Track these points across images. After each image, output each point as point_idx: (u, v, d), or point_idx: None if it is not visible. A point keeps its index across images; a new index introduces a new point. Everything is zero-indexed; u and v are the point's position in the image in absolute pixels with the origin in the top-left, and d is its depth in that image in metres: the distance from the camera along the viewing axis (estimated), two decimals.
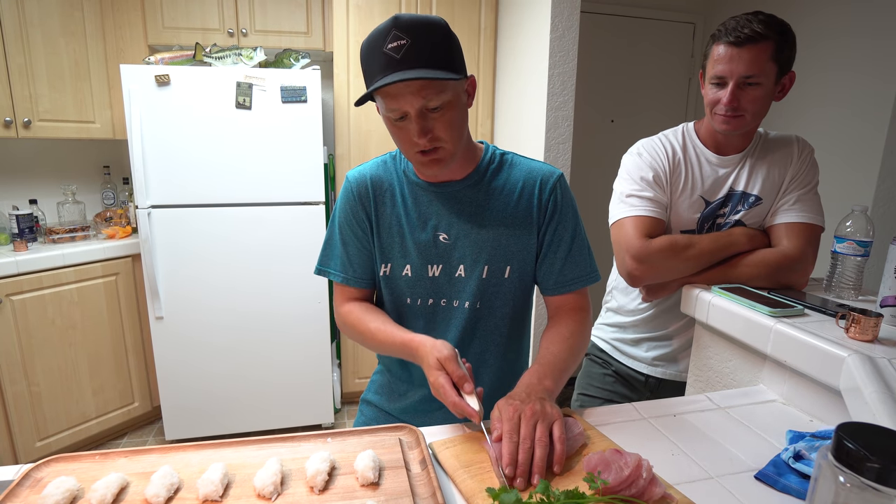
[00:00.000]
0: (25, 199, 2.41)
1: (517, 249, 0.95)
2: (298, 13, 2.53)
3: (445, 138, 0.84)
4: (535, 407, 0.74)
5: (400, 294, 0.98)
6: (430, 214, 0.95)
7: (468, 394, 0.77)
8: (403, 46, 0.77)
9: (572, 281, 0.97)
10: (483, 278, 0.95)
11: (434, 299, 0.97)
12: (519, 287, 0.98)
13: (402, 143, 0.87)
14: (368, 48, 0.81)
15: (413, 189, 0.96)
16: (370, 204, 0.97)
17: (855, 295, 1.08)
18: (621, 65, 2.82)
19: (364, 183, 0.98)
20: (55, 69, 2.24)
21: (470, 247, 0.94)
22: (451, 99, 0.82)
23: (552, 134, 2.04)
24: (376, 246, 0.98)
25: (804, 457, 0.72)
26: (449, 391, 0.77)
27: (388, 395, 1.08)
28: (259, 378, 2.44)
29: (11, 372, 2.07)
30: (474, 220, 0.94)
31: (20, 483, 0.66)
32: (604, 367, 1.39)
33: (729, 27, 1.06)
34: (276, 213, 2.33)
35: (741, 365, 1.05)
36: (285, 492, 0.67)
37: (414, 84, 0.79)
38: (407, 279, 0.96)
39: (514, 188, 0.95)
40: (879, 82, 1.99)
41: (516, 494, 0.60)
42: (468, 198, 0.95)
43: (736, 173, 1.18)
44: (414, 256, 0.95)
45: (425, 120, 0.82)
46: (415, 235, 0.95)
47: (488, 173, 0.96)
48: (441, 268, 0.95)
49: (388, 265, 0.97)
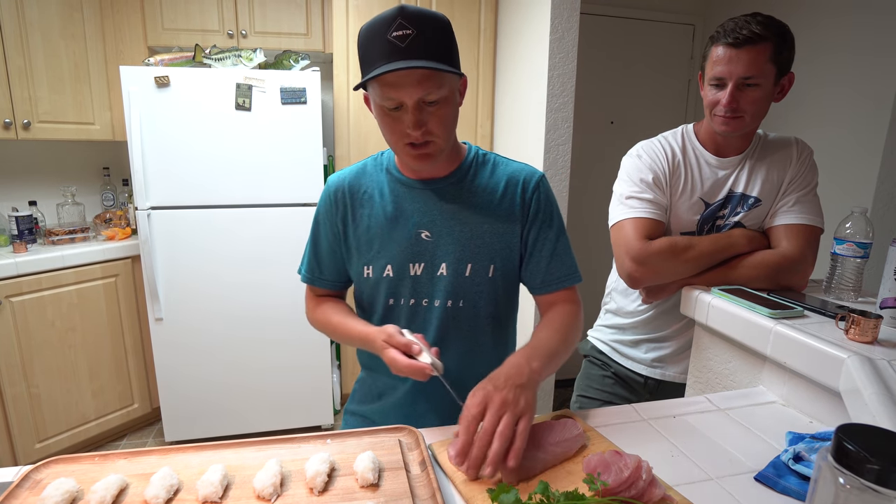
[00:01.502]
0: (25, 201, 2.41)
1: (500, 247, 0.95)
2: (298, 14, 2.53)
3: (438, 133, 0.85)
4: (507, 397, 0.71)
5: (382, 295, 0.98)
6: (412, 211, 0.95)
7: (418, 354, 0.80)
8: (409, 36, 0.77)
9: (559, 279, 0.98)
10: (466, 276, 0.95)
11: (416, 299, 0.97)
12: (503, 286, 0.98)
13: (392, 134, 0.86)
14: (369, 34, 0.80)
15: (395, 186, 0.97)
16: (347, 210, 0.98)
17: (854, 296, 1.08)
18: (621, 66, 2.83)
19: (342, 188, 0.99)
20: (55, 71, 2.24)
21: (453, 244, 0.94)
22: (447, 95, 0.83)
23: (552, 135, 2.04)
24: (355, 250, 0.98)
25: (804, 458, 0.72)
26: (399, 357, 0.79)
27: (371, 400, 1.07)
28: (259, 379, 2.44)
29: (11, 374, 2.07)
30: (457, 218, 0.94)
31: (19, 485, 0.66)
32: (603, 368, 1.39)
33: (728, 28, 1.06)
34: (276, 215, 2.33)
35: (741, 366, 1.05)
36: (285, 493, 0.67)
37: (416, 75, 0.79)
38: (389, 279, 0.96)
39: (497, 187, 0.96)
40: (879, 83, 1.99)
41: (516, 495, 0.60)
42: (451, 195, 0.95)
43: (735, 175, 1.19)
44: (395, 255, 0.95)
45: (421, 113, 0.82)
46: (396, 233, 0.95)
47: (471, 172, 0.97)
48: (423, 266, 0.95)
49: (370, 267, 0.97)
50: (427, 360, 0.79)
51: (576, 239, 2.64)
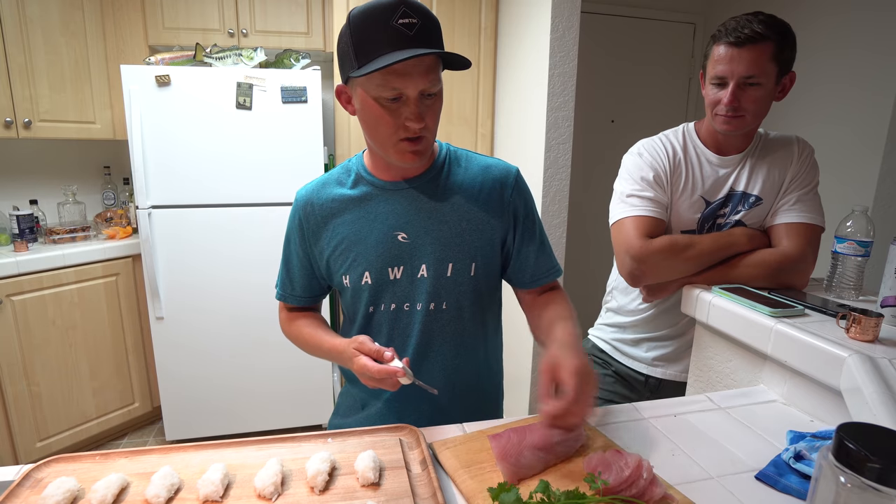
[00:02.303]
0: (26, 200, 2.41)
1: (481, 244, 0.93)
2: (298, 13, 2.53)
3: (431, 128, 0.84)
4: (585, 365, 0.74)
5: (363, 303, 0.94)
6: (386, 214, 0.92)
7: (389, 361, 0.78)
8: (416, 24, 0.76)
9: (546, 273, 0.98)
10: (448, 277, 0.92)
11: (397, 304, 0.93)
12: (485, 284, 0.96)
13: (386, 127, 0.82)
14: (369, 19, 0.76)
15: (368, 190, 0.94)
16: (315, 222, 0.95)
17: (855, 295, 1.08)
18: (622, 65, 2.82)
19: (309, 203, 0.95)
20: (55, 69, 2.24)
21: (431, 244, 0.91)
22: (441, 89, 0.83)
23: (552, 134, 2.04)
24: (330, 262, 0.95)
25: (805, 457, 0.72)
26: (370, 363, 0.77)
27: (354, 411, 1.04)
28: (260, 378, 2.44)
29: (12, 372, 2.07)
30: (434, 217, 0.92)
31: (21, 483, 0.66)
32: (604, 367, 1.39)
33: (729, 27, 1.06)
34: (277, 214, 2.33)
35: (741, 365, 1.05)
36: (286, 492, 0.67)
37: (424, 65, 0.77)
38: (368, 286, 0.92)
39: (473, 183, 0.94)
40: (880, 82, 1.99)
41: (516, 494, 0.60)
42: (427, 194, 0.92)
43: (736, 173, 1.18)
44: (372, 260, 0.91)
45: (422, 105, 0.81)
46: (371, 238, 0.91)
47: (444, 169, 0.95)
48: (402, 269, 0.91)
49: (347, 276, 0.93)
50: (398, 364, 0.77)
51: (576, 238, 2.65)
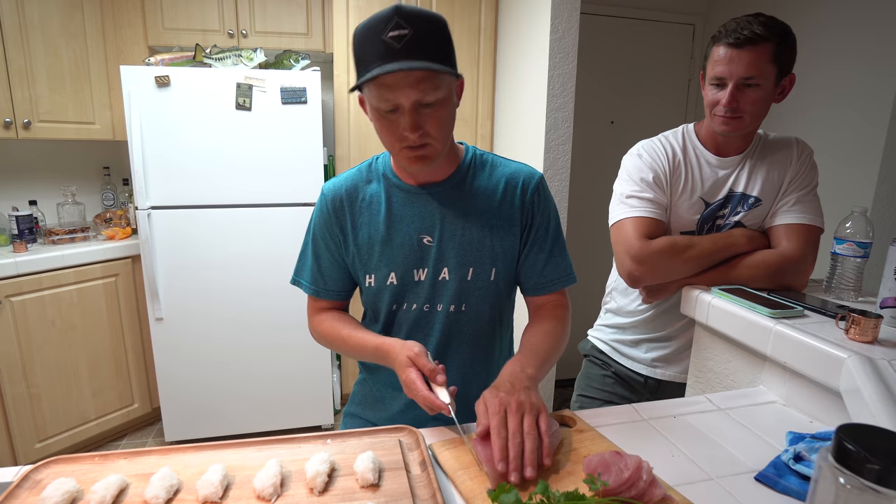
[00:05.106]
0: (25, 200, 2.41)
1: (501, 251, 0.94)
2: (298, 14, 2.53)
3: (435, 136, 0.83)
4: (521, 398, 0.73)
5: (385, 303, 0.96)
6: (412, 217, 0.93)
7: (440, 385, 0.77)
8: (405, 36, 0.75)
9: (553, 282, 0.97)
10: (468, 280, 0.94)
11: (418, 304, 0.95)
12: (504, 289, 0.98)
13: (388, 137, 0.84)
14: (365, 34, 0.79)
15: (394, 192, 0.94)
16: (345, 218, 0.95)
17: (855, 296, 1.08)
18: (621, 66, 2.82)
19: (339, 196, 0.96)
20: (55, 70, 2.24)
21: (454, 249, 0.92)
22: (444, 96, 0.81)
23: (552, 135, 2.04)
24: (356, 259, 0.96)
25: (804, 458, 0.72)
26: (420, 385, 0.77)
27: (371, 404, 1.06)
28: (259, 379, 2.44)
29: (11, 373, 2.07)
30: (458, 222, 0.93)
31: (19, 485, 0.66)
32: (603, 368, 1.39)
33: (729, 29, 1.06)
34: (276, 215, 2.33)
35: (741, 366, 1.05)
36: (285, 493, 0.67)
37: (413, 76, 0.77)
38: (392, 287, 0.94)
39: (497, 189, 0.94)
40: (879, 83, 1.99)
41: (516, 495, 0.60)
42: (451, 199, 0.93)
43: (736, 175, 1.18)
44: (398, 262, 0.93)
45: (418, 115, 0.80)
46: (397, 239, 0.93)
47: (469, 173, 0.95)
48: (426, 271, 0.93)
49: (372, 276, 0.95)
50: (446, 399, 0.76)
51: (576, 239, 2.65)
